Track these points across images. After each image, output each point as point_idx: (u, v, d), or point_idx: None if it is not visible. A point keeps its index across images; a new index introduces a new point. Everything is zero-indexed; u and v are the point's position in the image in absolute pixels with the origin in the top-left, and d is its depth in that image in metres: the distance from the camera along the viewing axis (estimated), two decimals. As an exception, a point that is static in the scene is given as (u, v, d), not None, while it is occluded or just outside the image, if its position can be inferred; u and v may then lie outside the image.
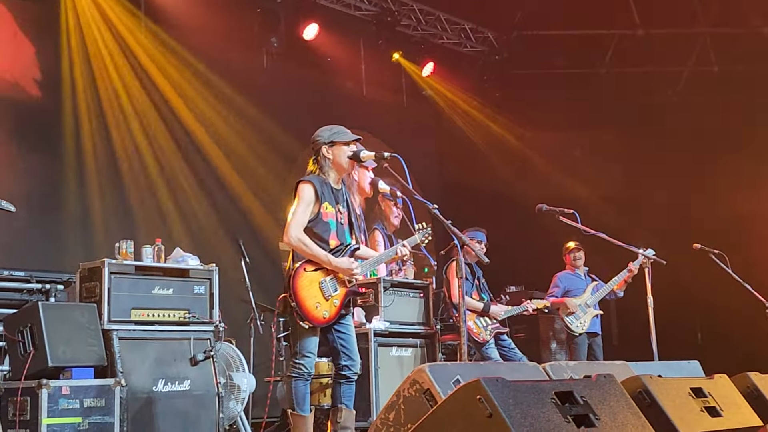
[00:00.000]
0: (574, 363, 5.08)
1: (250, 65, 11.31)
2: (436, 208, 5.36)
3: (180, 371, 6.36)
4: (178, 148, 10.43)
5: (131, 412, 6.01)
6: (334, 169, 5.56)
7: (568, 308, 9.13)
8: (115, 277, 6.19)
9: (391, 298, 7.70)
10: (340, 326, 5.51)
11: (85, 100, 9.55)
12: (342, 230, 5.57)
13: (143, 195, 9.81)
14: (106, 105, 9.80)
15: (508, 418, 3.07)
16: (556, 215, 7.45)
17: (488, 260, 5.77)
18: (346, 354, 5.51)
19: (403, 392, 4.00)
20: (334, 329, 5.49)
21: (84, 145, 9.40)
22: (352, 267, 5.43)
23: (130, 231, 6.75)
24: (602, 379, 3.65)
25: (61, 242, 8.80)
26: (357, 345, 5.66)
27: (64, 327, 5.88)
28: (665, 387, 4.03)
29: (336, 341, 5.51)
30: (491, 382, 3.19)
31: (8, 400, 5.75)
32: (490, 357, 8.21)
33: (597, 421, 3.37)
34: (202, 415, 6.39)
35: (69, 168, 9.21)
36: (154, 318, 6.34)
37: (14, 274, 6.46)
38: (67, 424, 5.67)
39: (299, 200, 5.43)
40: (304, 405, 5.40)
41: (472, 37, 13.12)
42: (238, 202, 10.87)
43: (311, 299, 5.35)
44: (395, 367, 7.60)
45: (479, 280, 8.56)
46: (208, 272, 6.69)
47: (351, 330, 5.57)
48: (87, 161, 9.38)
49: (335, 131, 5.58)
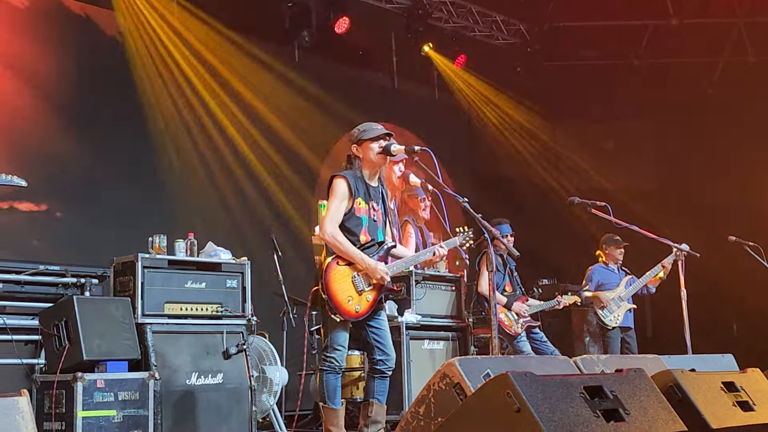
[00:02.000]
0: (606, 356, 5.05)
1: (282, 59, 11.35)
2: (466, 202, 5.34)
3: (213, 365, 6.41)
4: (210, 144, 10.49)
5: (165, 405, 6.06)
6: (365, 166, 5.58)
7: (602, 302, 9.09)
8: (149, 272, 6.25)
9: (423, 291, 7.70)
10: (373, 321, 5.51)
11: (119, 95, 9.63)
12: (374, 227, 5.58)
13: (176, 190, 9.89)
14: (143, 101, 9.90)
15: (537, 413, 3.06)
16: (588, 208, 7.38)
17: (518, 253, 5.74)
18: (381, 349, 5.51)
19: (433, 386, 4.01)
20: (368, 324, 5.49)
21: (118, 140, 9.48)
22: (384, 274, 5.43)
23: (163, 225, 6.78)
24: (632, 373, 3.63)
25: (95, 237, 8.88)
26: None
27: (98, 321, 5.94)
28: (696, 381, 4.00)
29: (370, 336, 5.51)
30: (519, 376, 3.18)
31: (44, 393, 5.83)
32: (522, 350, 8.19)
33: (627, 415, 3.35)
34: (235, 408, 6.43)
35: (104, 163, 9.30)
36: (187, 312, 6.39)
37: (50, 269, 6.55)
38: (102, 416, 5.74)
39: (333, 196, 5.45)
40: (335, 398, 5.41)
41: (503, 29, 13.08)
42: (270, 196, 10.92)
43: (343, 293, 5.36)
44: (427, 361, 7.61)
45: (512, 272, 8.54)
46: (240, 266, 6.73)
47: (385, 325, 5.58)
48: (121, 156, 9.46)
49: (363, 129, 5.60)
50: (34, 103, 8.93)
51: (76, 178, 9.09)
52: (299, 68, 11.49)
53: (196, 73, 10.48)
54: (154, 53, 10.13)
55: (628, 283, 9.22)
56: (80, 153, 9.14)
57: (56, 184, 8.94)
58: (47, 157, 8.88)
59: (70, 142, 9.10)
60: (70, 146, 9.09)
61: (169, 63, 10.24)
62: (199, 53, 10.48)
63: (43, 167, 8.80)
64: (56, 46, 9.23)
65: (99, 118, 9.40)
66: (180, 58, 10.33)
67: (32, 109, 8.91)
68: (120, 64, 9.80)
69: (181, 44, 10.35)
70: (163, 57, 10.18)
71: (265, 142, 11.02)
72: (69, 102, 9.20)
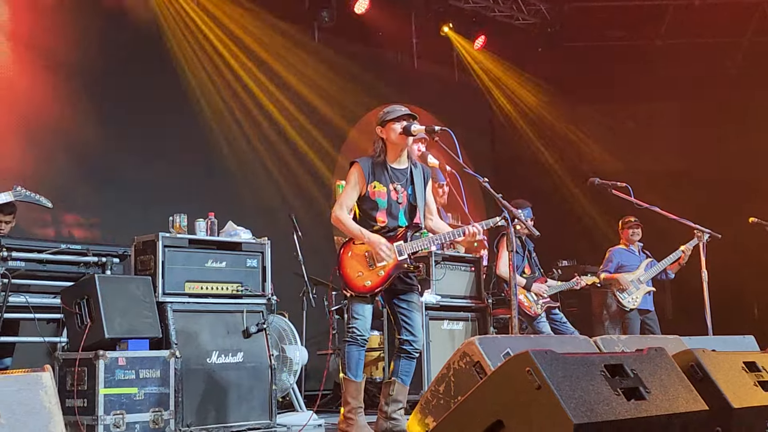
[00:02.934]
0: (626, 337, 5.05)
1: (301, 40, 11.34)
2: (487, 182, 5.34)
3: (233, 343, 6.43)
4: (231, 124, 10.51)
5: (186, 383, 6.09)
6: (390, 148, 5.63)
7: (621, 284, 9.06)
8: (169, 251, 6.26)
9: (442, 271, 7.72)
10: (403, 302, 5.59)
11: (143, 74, 9.64)
12: (396, 209, 5.61)
13: (197, 169, 9.91)
14: (168, 79, 9.94)
15: (557, 391, 3.06)
16: (609, 189, 7.34)
17: (539, 233, 5.71)
18: (408, 330, 5.57)
19: (453, 365, 4.02)
20: (397, 303, 5.57)
21: (140, 121, 9.50)
22: (382, 247, 5.45)
23: (183, 205, 6.79)
24: (653, 352, 3.62)
25: (116, 216, 8.93)
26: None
27: (119, 299, 5.97)
28: (718, 361, 3.98)
29: (398, 315, 5.59)
30: (540, 354, 3.18)
31: (66, 370, 5.87)
32: (542, 331, 8.20)
33: (647, 394, 3.34)
34: (255, 387, 6.46)
35: (125, 143, 9.33)
36: (208, 291, 6.41)
37: (71, 248, 6.56)
38: (124, 394, 5.78)
39: (346, 182, 5.67)
40: (357, 370, 5.47)
41: (524, 9, 12.99)
42: (291, 176, 10.94)
43: (354, 269, 5.51)
44: (446, 341, 7.63)
45: (530, 253, 8.52)
46: (260, 246, 6.74)
47: (415, 307, 5.62)
48: (143, 136, 9.49)
49: (387, 111, 5.65)
50: (57, 82, 8.95)
51: (98, 158, 9.12)
52: (318, 49, 11.48)
53: (214, 51, 10.50)
54: (183, 29, 10.17)
55: (648, 265, 9.19)
56: (103, 134, 9.17)
57: (77, 164, 8.98)
58: (70, 136, 8.92)
59: (93, 122, 9.12)
60: (93, 126, 9.11)
61: (191, 41, 10.27)
62: (213, 32, 10.49)
63: (65, 147, 8.85)
64: (76, 21, 9.24)
65: (122, 97, 9.41)
66: (197, 33, 10.36)
67: (56, 88, 8.93)
68: (147, 42, 9.83)
69: (196, 19, 10.36)
70: (183, 31, 10.20)
71: (285, 124, 11.04)
72: (93, 82, 9.22)
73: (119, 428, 5.72)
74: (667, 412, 3.35)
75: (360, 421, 5.40)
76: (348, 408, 5.43)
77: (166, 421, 5.94)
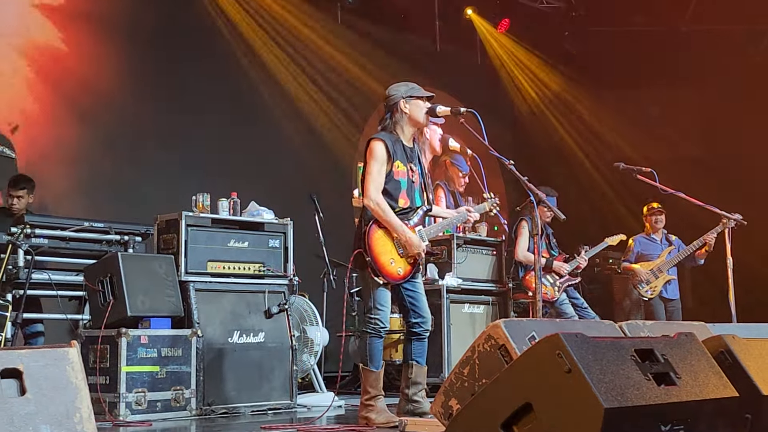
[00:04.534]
0: (651, 323, 4.99)
1: (325, 22, 11.31)
2: (512, 164, 5.29)
3: (255, 323, 6.44)
4: (254, 104, 10.50)
5: (207, 362, 6.11)
6: (410, 124, 5.49)
7: (638, 276, 9.02)
8: (192, 230, 6.27)
9: (463, 255, 7.70)
10: (409, 284, 5.48)
11: (168, 56, 9.64)
12: (413, 189, 5.51)
13: (220, 148, 9.91)
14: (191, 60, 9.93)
15: (588, 374, 3.02)
16: (634, 174, 7.28)
17: (565, 217, 5.66)
18: (416, 312, 5.49)
19: (477, 347, 3.98)
20: (403, 287, 5.47)
21: (162, 100, 9.51)
22: (420, 248, 5.37)
23: (206, 184, 6.78)
24: (683, 337, 3.58)
25: (139, 194, 8.95)
26: (429, 301, 5.64)
27: (142, 277, 5.98)
28: (747, 347, 3.93)
29: (405, 299, 5.49)
30: (570, 337, 3.14)
31: (89, 347, 5.89)
32: (565, 312, 8.19)
33: (678, 380, 3.30)
34: (276, 367, 6.47)
35: (148, 121, 9.34)
36: (230, 270, 6.41)
37: (94, 225, 6.56)
38: (146, 372, 5.80)
39: (373, 159, 5.37)
40: (377, 361, 5.40)
41: (549, -8, 12.91)
42: (313, 158, 10.92)
43: (386, 255, 5.33)
44: (467, 324, 7.62)
45: (548, 237, 8.50)
46: (282, 226, 6.73)
47: (420, 287, 5.54)
48: (165, 114, 9.49)
49: (411, 86, 5.53)
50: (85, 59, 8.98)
51: (121, 136, 9.13)
52: (341, 30, 11.44)
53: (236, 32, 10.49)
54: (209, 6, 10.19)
55: (670, 254, 9.12)
56: (129, 112, 9.18)
57: (102, 142, 8.99)
58: (91, 115, 8.93)
59: (114, 100, 9.13)
60: (118, 105, 9.13)
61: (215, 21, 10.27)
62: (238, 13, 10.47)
63: (88, 124, 8.87)
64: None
65: (149, 77, 9.45)
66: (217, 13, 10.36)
67: (82, 65, 8.95)
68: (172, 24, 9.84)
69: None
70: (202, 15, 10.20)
71: (306, 104, 11.01)
72: (121, 63, 9.26)
73: (141, 406, 5.74)
74: (697, 398, 3.31)
75: (380, 405, 5.37)
76: (367, 396, 5.38)
77: (188, 399, 5.96)
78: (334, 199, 10.20)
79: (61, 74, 8.85)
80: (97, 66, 9.07)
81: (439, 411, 3.93)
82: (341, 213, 10.07)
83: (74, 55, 8.96)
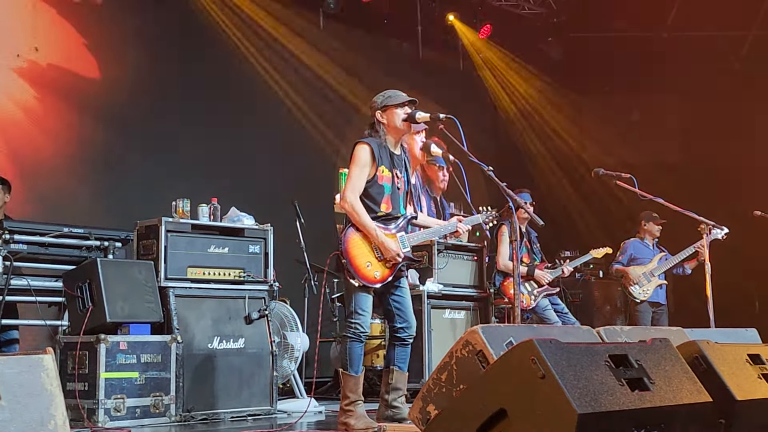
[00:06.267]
0: (629, 328, 5.02)
1: (306, 26, 11.30)
2: (491, 170, 5.30)
3: (235, 329, 6.43)
4: (235, 109, 10.48)
5: (187, 368, 6.09)
6: (390, 133, 5.53)
7: (631, 278, 9.09)
8: (172, 236, 6.25)
9: (445, 260, 7.69)
10: (395, 289, 5.50)
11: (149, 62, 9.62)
12: (397, 196, 5.53)
13: (200, 154, 9.89)
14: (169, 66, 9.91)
15: (561, 380, 3.04)
16: (613, 180, 7.31)
17: (543, 222, 5.67)
18: (401, 317, 5.50)
19: (455, 353, 3.99)
20: (391, 293, 5.49)
21: (142, 105, 9.48)
22: (397, 252, 5.37)
23: (187, 190, 6.77)
24: (657, 343, 3.61)
25: (118, 200, 8.92)
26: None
27: (121, 283, 5.97)
28: (722, 353, 3.96)
29: (391, 304, 5.51)
30: (544, 343, 3.16)
31: (68, 354, 5.87)
32: (548, 319, 8.22)
33: (651, 385, 3.33)
34: (256, 373, 6.46)
35: (127, 127, 9.31)
36: (210, 276, 6.40)
37: (74, 231, 6.53)
38: (125, 378, 5.78)
39: (354, 163, 5.39)
40: (357, 366, 5.39)
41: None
42: (294, 163, 10.91)
43: (362, 257, 5.34)
44: (448, 330, 7.62)
45: (530, 242, 8.52)
46: (263, 232, 6.73)
47: (406, 293, 5.56)
48: (144, 121, 9.47)
49: (387, 95, 5.54)
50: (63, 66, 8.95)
51: (100, 143, 9.10)
52: (323, 36, 11.44)
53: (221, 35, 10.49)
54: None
55: (661, 260, 9.21)
56: (108, 117, 9.15)
57: (80, 149, 8.97)
58: (71, 121, 8.91)
59: (94, 107, 9.10)
60: (94, 111, 9.10)
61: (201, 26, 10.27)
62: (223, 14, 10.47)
63: (67, 131, 8.84)
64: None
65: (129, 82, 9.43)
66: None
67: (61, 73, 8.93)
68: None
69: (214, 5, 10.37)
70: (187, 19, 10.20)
71: (288, 108, 11.01)
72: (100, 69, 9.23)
73: (120, 412, 5.72)
74: (671, 403, 3.34)
75: (359, 411, 5.37)
76: (347, 401, 5.38)
77: (167, 405, 5.94)
78: (315, 205, 10.17)
79: (43, 80, 8.81)
80: (75, 72, 9.03)
81: (417, 416, 3.94)
82: (322, 219, 10.04)
83: (51, 62, 8.93)
